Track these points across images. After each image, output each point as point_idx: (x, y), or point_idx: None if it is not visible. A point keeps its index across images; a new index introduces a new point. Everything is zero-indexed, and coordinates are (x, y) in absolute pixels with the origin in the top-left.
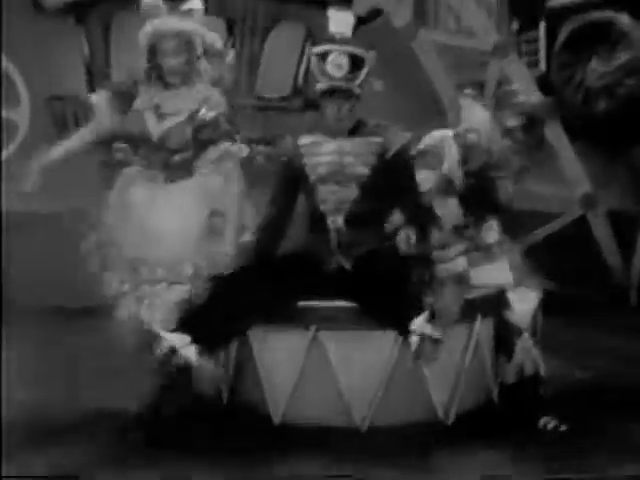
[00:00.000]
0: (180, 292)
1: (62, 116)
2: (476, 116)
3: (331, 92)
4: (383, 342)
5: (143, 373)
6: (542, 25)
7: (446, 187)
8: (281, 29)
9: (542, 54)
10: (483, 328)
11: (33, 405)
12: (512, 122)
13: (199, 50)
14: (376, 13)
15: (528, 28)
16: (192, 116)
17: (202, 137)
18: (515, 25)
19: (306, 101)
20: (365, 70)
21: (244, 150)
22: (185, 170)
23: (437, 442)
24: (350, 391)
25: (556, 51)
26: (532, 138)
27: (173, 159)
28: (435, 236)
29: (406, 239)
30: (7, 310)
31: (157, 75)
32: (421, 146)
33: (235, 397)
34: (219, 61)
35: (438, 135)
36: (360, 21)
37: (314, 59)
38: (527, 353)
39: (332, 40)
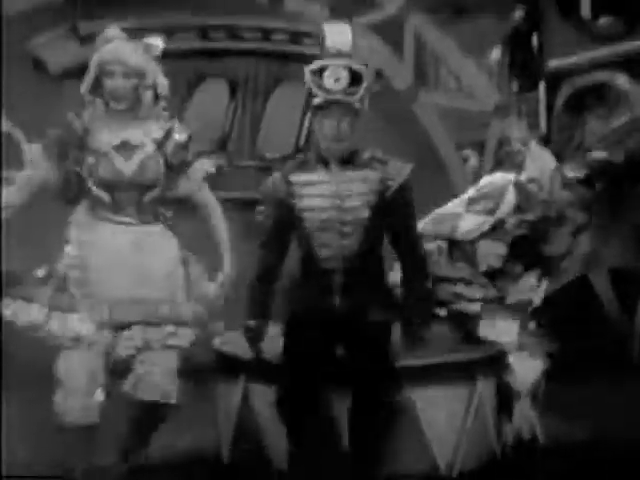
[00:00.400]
0: (178, 349)
1: (66, 174)
2: (542, 164)
3: (328, 106)
4: None
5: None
6: (542, 86)
7: (496, 233)
8: (283, 89)
9: (542, 115)
10: (485, 388)
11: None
12: (575, 174)
13: (149, 81)
14: (376, 74)
15: (528, 89)
16: (161, 144)
17: (176, 162)
18: (515, 86)
19: None
20: (364, 85)
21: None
22: (154, 213)
23: None
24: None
25: (556, 112)
26: (595, 193)
27: (143, 199)
28: (464, 269)
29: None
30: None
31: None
32: (478, 190)
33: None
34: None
35: (499, 180)
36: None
37: (308, 75)
38: (525, 418)
39: (329, 55)
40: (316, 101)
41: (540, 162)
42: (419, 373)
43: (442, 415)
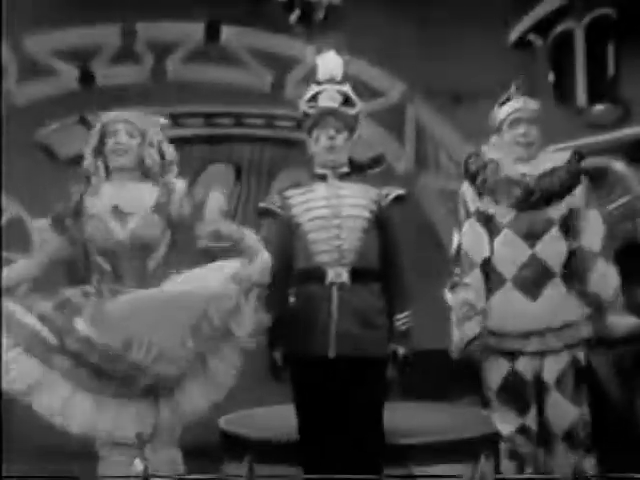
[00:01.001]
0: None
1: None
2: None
3: (324, 118)
4: None
5: None
6: None
7: None
8: (286, 174)
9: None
10: (487, 466)
11: None
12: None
13: (153, 140)
14: (378, 160)
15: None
16: (160, 206)
17: (184, 215)
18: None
19: None
20: (357, 107)
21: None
22: (162, 277)
23: None
24: None
25: None
26: None
27: (147, 266)
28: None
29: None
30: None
31: (103, 165)
32: None
33: None
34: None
35: None
36: (362, 168)
37: (304, 105)
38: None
39: (321, 82)
40: (312, 114)
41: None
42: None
43: None
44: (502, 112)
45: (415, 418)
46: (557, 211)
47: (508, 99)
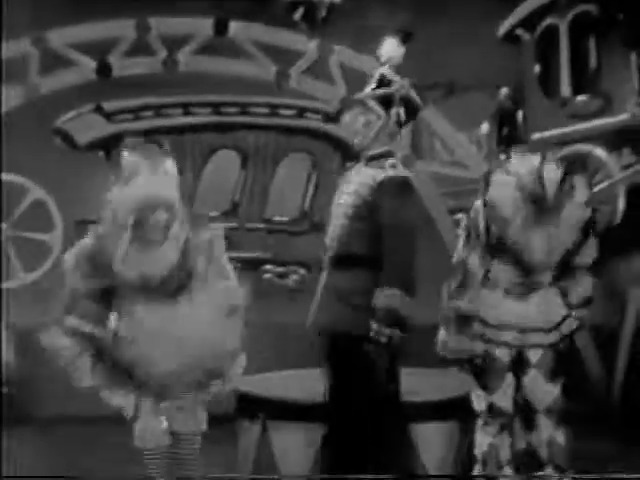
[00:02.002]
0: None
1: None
2: None
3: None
4: None
5: None
6: None
7: None
8: (290, 160)
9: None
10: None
11: None
12: None
13: (178, 213)
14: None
15: None
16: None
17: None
18: (503, 157)
19: (312, 223)
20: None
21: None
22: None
23: None
24: None
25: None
26: None
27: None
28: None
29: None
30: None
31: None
32: None
33: None
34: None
35: None
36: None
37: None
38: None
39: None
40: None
41: None
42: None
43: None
44: None
45: (413, 381)
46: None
47: None
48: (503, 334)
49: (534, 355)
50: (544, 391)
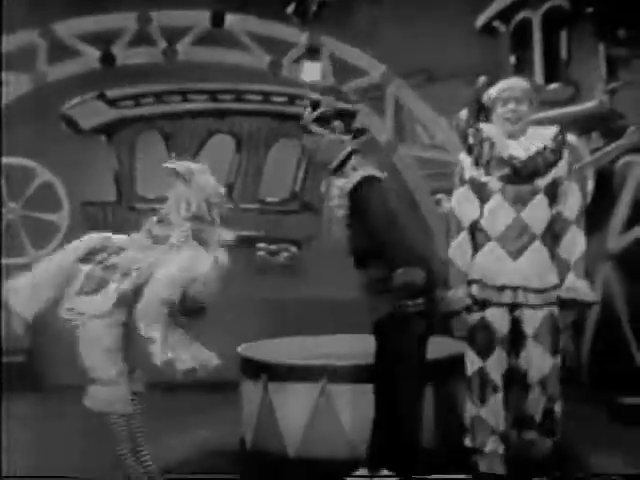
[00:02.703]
0: None
1: (94, 218)
2: None
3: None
4: None
5: None
6: None
7: None
8: (281, 144)
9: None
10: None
11: None
12: None
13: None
14: (362, 131)
15: None
16: None
17: None
18: None
19: (302, 204)
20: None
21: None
22: None
23: None
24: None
25: None
26: None
27: None
28: None
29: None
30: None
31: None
32: None
33: (256, 441)
34: None
35: None
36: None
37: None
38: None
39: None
40: None
41: None
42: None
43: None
44: (494, 91)
45: None
46: (543, 181)
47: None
48: (500, 294)
49: (531, 324)
50: (541, 362)
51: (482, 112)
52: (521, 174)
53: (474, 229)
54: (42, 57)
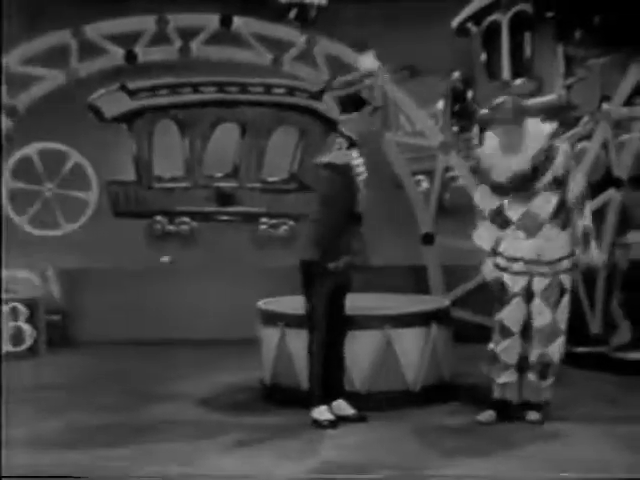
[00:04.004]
0: None
1: (116, 196)
2: None
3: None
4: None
5: None
6: (475, 129)
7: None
8: (281, 131)
9: (475, 150)
10: (435, 329)
11: None
12: None
13: None
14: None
15: (465, 131)
16: None
17: None
18: (455, 128)
19: (299, 183)
20: None
21: None
22: None
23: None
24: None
25: None
26: None
27: None
28: None
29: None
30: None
31: None
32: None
33: (274, 378)
34: None
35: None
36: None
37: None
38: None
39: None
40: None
41: None
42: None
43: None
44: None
45: (390, 301)
46: (542, 181)
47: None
48: (515, 265)
49: (539, 287)
50: (542, 314)
51: (456, 103)
52: (518, 187)
53: (494, 215)
54: (74, 55)
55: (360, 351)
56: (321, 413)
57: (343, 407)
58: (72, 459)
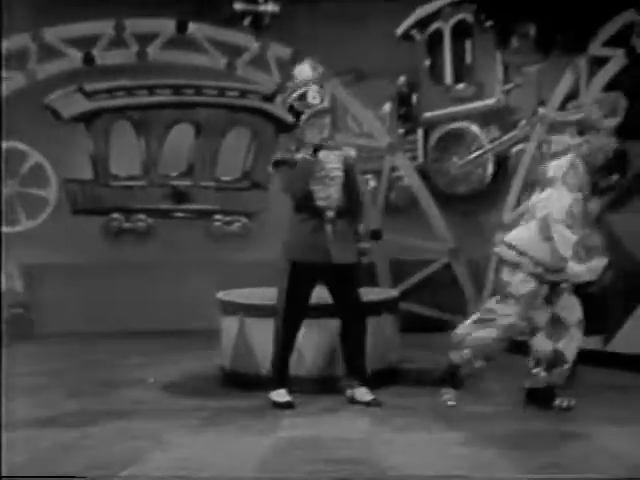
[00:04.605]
0: None
1: (74, 194)
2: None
3: (317, 114)
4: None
5: None
6: (420, 131)
7: None
8: (234, 132)
9: (420, 151)
10: (385, 319)
11: None
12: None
13: None
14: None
15: (410, 133)
16: None
17: None
18: (401, 130)
19: (251, 182)
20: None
21: None
22: None
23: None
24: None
25: (429, 149)
26: None
27: None
28: None
29: None
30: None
31: None
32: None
33: (234, 365)
34: None
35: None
36: (291, 127)
37: (295, 101)
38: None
39: (301, 85)
40: (307, 113)
41: None
42: None
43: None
44: None
45: None
46: None
47: None
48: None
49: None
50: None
51: (402, 106)
52: None
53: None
54: (33, 58)
55: (315, 338)
56: (279, 395)
57: (364, 394)
58: (49, 435)
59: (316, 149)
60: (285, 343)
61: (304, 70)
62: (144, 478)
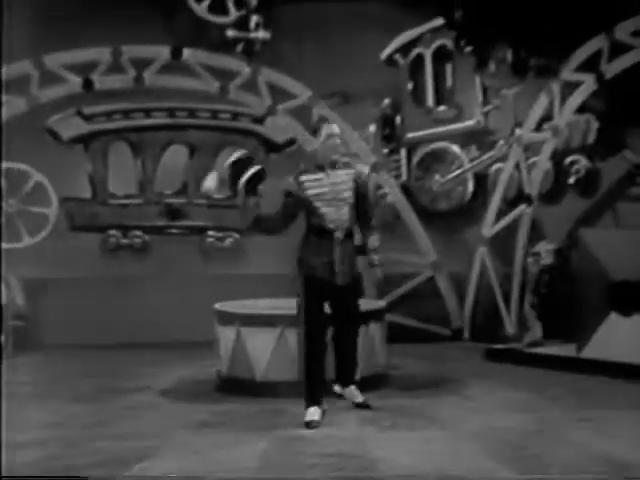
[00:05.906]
0: None
1: (73, 211)
2: None
3: (331, 137)
4: None
5: None
6: (403, 151)
7: None
8: (227, 152)
9: (403, 170)
10: (375, 329)
11: None
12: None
13: None
14: (291, 142)
15: (394, 152)
16: None
17: None
18: (385, 150)
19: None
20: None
21: None
22: None
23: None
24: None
25: (412, 168)
26: None
27: None
28: None
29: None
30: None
31: None
32: None
33: (230, 371)
34: None
35: None
36: (281, 147)
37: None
38: None
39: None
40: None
41: None
42: None
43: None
44: None
45: None
46: None
47: None
48: None
49: None
50: None
51: (386, 127)
52: None
53: None
54: (35, 83)
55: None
56: (308, 414)
57: (354, 394)
58: (57, 435)
59: (326, 167)
60: (311, 355)
61: (333, 127)
62: (146, 478)
